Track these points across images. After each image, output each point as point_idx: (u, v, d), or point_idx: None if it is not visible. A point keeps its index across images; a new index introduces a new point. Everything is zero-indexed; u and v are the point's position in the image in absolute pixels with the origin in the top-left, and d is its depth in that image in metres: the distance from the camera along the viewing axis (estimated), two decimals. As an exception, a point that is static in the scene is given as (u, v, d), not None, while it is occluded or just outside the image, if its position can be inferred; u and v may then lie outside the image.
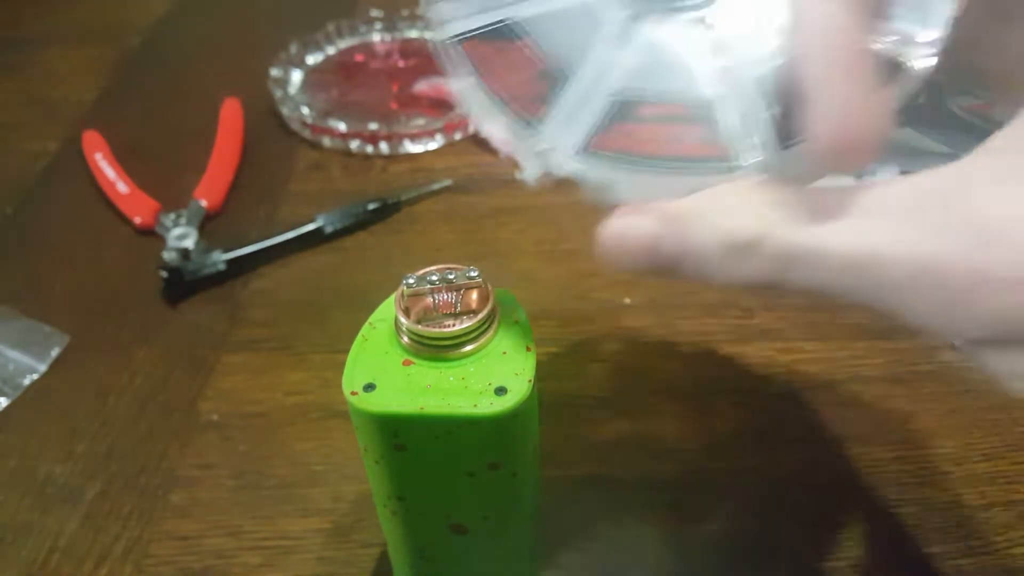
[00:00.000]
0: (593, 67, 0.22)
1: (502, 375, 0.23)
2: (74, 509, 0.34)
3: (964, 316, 0.16)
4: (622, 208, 0.20)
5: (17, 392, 0.39)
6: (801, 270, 0.17)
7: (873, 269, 0.16)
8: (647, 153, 0.20)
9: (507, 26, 0.22)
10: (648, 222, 0.19)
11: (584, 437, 0.36)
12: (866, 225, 0.17)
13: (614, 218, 0.20)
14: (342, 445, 0.36)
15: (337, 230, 0.48)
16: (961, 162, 0.17)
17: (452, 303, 0.24)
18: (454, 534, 0.26)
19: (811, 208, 0.18)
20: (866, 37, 0.18)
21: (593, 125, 0.21)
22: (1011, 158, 0.16)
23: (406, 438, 0.23)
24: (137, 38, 0.70)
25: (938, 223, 0.16)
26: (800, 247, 0.17)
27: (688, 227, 0.19)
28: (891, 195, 0.17)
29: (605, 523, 0.33)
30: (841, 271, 0.17)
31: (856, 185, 0.18)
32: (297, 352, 0.41)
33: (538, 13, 0.22)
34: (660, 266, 0.19)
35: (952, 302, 0.16)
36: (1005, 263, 0.15)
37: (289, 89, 0.59)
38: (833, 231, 0.17)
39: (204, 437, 0.37)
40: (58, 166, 0.55)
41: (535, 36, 0.22)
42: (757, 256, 0.18)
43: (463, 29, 0.23)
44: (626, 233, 0.20)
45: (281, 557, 0.32)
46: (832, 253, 0.17)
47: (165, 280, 0.44)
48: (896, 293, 0.16)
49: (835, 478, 0.34)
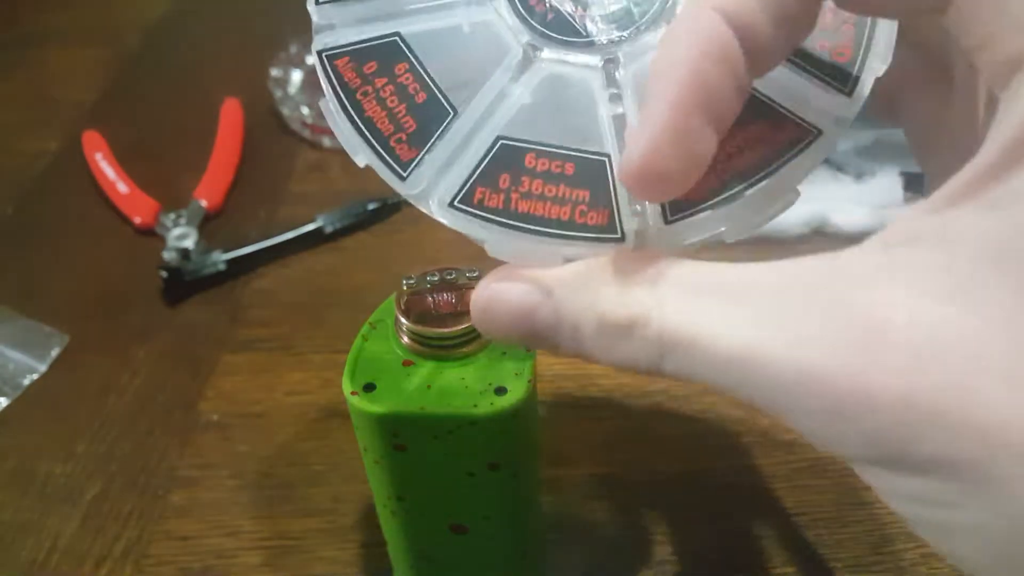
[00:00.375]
0: (483, 99, 0.19)
1: (502, 375, 0.23)
2: (74, 509, 0.34)
3: (845, 431, 0.14)
4: (494, 272, 0.19)
5: (17, 392, 0.39)
6: (678, 360, 0.16)
7: (753, 367, 0.15)
8: (526, 213, 0.19)
9: (393, 43, 0.20)
10: (521, 290, 0.18)
11: (584, 437, 0.36)
12: (746, 314, 0.15)
13: (485, 281, 0.19)
14: (342, 445, 0.36)
15: (337, 230, 0.48)
16: (847, 252, 0.15)
17: (452, 303, 0.24)
18: (454, 534, 0.26)
19: (692, 289, 0.16)
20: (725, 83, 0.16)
21: (471, 169, 0.19)
22: (897, 255, 0.14)
23: (406, 438, 0.23)
24: (137, 38, 0.70)
25: (818, 322, 0.14)
26: (675, 335, 0.16)
27: (563, 301, 0.17)
28: (773, 280, 0.15)
29: (605, 523, 0.33)
30: (719, 366, 0.15)
31: (738, 265, 0.16)
32: (297, 352, 0.41)
33: (431, 29, 0.20)
34: (532, 339, 0.18)
35: (832, 415, 0.14)
36: (885, 377, 0.13)
37: (289, 89, 0.59)
38: (712, 319, 0.15)
39: (204, 437, 0.37)
40: (58, 166, 0.55)
41: (424, 57, 0.20)
42: (633, 340, 0.16)
43: (341, 41, 0.20)
44: (497, 300, 0.18)
45: (281, 557, 0.32)
46: (709, 346, 0.15)
47: (165, 280, 0.44)
48: (777, 397, 0.15)
49: (836, 478, 0.34)
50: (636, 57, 0.19)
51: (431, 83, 0.19)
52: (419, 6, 0.20)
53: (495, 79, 0.19)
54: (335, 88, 0.19)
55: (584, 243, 0.18)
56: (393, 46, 0.20)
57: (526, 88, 0.19)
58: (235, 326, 0.42)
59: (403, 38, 0.20)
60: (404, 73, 0.19)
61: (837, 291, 0.15)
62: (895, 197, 0.46)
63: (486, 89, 0.19)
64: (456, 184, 0.19)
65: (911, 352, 0.13)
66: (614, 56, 0.19)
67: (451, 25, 0.20)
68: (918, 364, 0.13)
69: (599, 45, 0.19)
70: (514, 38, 0.20)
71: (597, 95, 0.19)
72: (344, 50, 0.20)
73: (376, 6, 0.20)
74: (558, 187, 0.19)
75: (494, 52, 0.20)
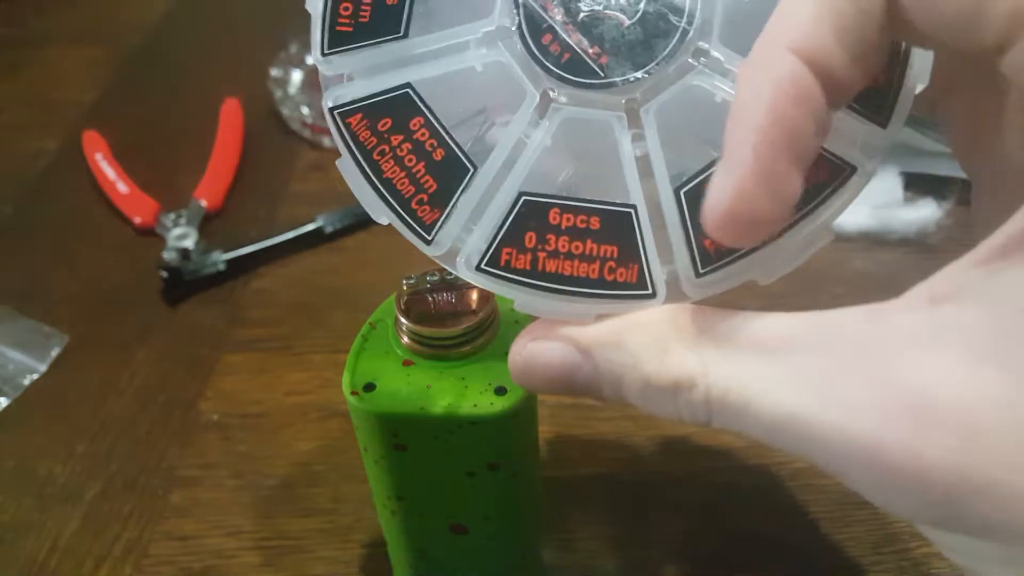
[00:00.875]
0: (503, 149, 0.19)
1: (502, 375, 0.23)
2: (74, 509, 0.34)
3: (904, 500, 0.14)
4: (530, 329, 0.19)
5: (17, 392, 0.39)
6: (727, 420, 0.16)
7: (802, 433, 0.15)
8: (555, 273, 0.18)
9: (405, 95, 0.19)
10: (559, 353, 0.18)
11: (584, 437, 0.36)
12: (791, 376, 0.15)
13: (521, 340, 0.19)
14: (342, 445, 0.36)
15: (337, 230, 0.48)
16: (891, 308, 0.15)
17: (452, 303, 0.24)
18: (454, 534, 0.26)
19: (734, 348, 0.16)
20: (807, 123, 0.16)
21: (496, 228, 0.18)
22: (944, 315, 0.14)
23: (406, 438, 0.23)
24: (137, 38, 0.70)
25: (866, 389, 0.14)
26: (723, 400, 0.16)
27: (601, 361, 0.18)
28: (815, 335, 0.15)
29: (605, 523, 0.33)
30: (768, 429, 0.15)
31: (780, 316, 0.16)
32: (297, 352, 0.41)
33: (444, 73, 0.19)
34: (574, 393, 0.18)
35: (888, 485, 0.14)
36: (936, 452, 0.13)
37: (289, 89, 0.59)
38: (757, 383, 0.15)
39: (204, 437, 0.37)
40: (58, 166, 0.55)
41: (437, 108, 0.19)
42: (679, 401, 0.17)
43: (352, 96, 0.19)
44: (535, 361, 0.18)
45: (281, 557, 0.32)
46: (758, 411, 0.15)
47: (165, 280, 0.44)
48: (830, 462, 0.15)
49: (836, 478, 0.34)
50: (657, 94, 0.18)
51: (447, 137, 0.19)
52: (428, 49, 0.19)
53: (512, 128, 0.19)
54: (351, 149, 0.19)
55: (615, 301, 0.18)
56: (406, 98, 0.19)
57: (546, 133, 0.19)
58: (235, 326, 0.42)
59: (415, 89, 0.19)
60: (419, 128, 0.19)
61: (885, 355, 0.14)
62: (895, 197, 0.46)
63: (504, 139, 0.19)
64: (482, 244, 0.19)
65: (962, 428, 0.13)
66: (634, 96, 0.19)
67: (464, 68, 0.19)
68: (969, 439, 0.13)
69: (618, 85, 0.18)
70: (530, 82, 0.19)
71: (619, 136, 0.19)
72: (356, 107, 0.19)
73: (384, 51, 0.19)
74: (584, 243, 0.18)
75: (509, 97, 0.19)
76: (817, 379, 0.15)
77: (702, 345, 0.16)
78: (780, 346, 0.16)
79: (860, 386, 0.14)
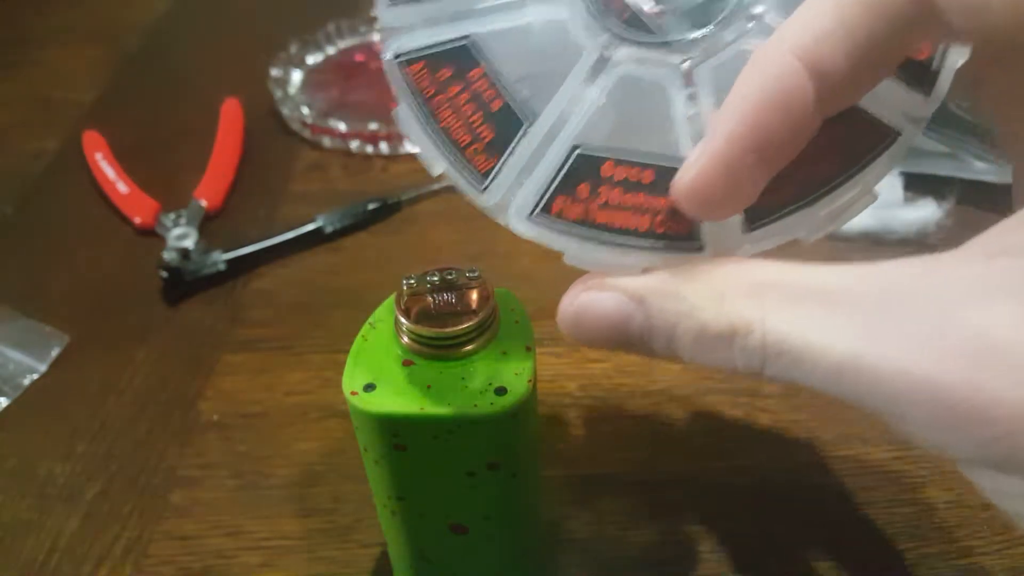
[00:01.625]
0: (558, 104, 0.19)
1: (502, 375, 0.23)
2: (74, 509, 0.34)
3: (957, 439, 0.14)
4: (581, 282, 0.19)
5: (17, 392, 0.39)
6: (781, 367, 0.16)
7: (863, 377, 0.15)
8: (605, 224, 0.19)
9: (464, 47, 0.19)
10: (613, 301, 0.18)
11: (584, 437, 0.36)
12: (852, 323, 0.15)
13: (573, 291, 0.19)
14: (342, 445, 0.36)
15: (337, 230, 0.48)
16: (946, 260, 0.15)
17: (452, 303, 0.24)
18: (454, 534, 0.26)
19: (792, 297, 0.16)
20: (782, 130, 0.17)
21: (549, 179, 0.19)
22: (1001, 267, 0.15)
23: (406, 438, 0.23)
24: (137, 38, 0.70)
25: (928, 335, 0.15)
26: (781, 345, 0.16)
27: (655, 310, 0.18)
28: (874, 286, 0.16)
29: (605, 523, 0.33)
30: (825, 374, 0.16)
31: (834, 268, 0.16)
32: (297, 352, 0.41)
33: (504, 28, 0.19)
34: (625, 346, 0.18)
35: (944, 424, 0.14)
36: (1000, 391, 0.14)
37: (289, 89, 0.59)
38: (817, 329, 0.16)
39: (204, 437, 0.37)
40: (58, 166, 0.55)
41: (496, 61, 0.19)
42: (733, 347, 0.17)
43: (413, 45, 0.19)
44: (588, 311, 0.18)
45: (281, 557, 0.32)
46: (817, 356, 0.16)
47: (165, 280, 0.44)
48: (887, 404, 0.15)
49: (836, 478, 0.34)
50: (712, 55, 0.19)
51: (505, 89, 0.19)
52: (489, 4, 0.19)
53: (569, 82, 0.19)
54: (409, 96, 0.19)
55: (664, 252, 0.18)
56: (465, 50, 0.19)
57: (601, 90, 0.19)
58: (235, 326, 0.42)
59: (475, 41, 0.19)
60: (479, 79, 0.19)
61: (943, 303, 0.15)
62: (895, 197, 0.46)
63: (560, 93, 0.19)
64: (534, 195, 0.19)
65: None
66: (691, 55, 0.19)
67: (522, 24, 0.19)
68: None
69: (675, 44, 0.19)
70: (588, 38, 0.19)
71: (673, 95, 0.19)
72: (418, 55, 0.19)
73: (445, 6, 0.19)
74: (637, 196, 0.19)
75: (568, 53, 0.19)
76: (877, 325, 0.15)
77: (759, 293, 0.17)
78: (837, 294, 0.16)
79: (920, 331, 0.15)
